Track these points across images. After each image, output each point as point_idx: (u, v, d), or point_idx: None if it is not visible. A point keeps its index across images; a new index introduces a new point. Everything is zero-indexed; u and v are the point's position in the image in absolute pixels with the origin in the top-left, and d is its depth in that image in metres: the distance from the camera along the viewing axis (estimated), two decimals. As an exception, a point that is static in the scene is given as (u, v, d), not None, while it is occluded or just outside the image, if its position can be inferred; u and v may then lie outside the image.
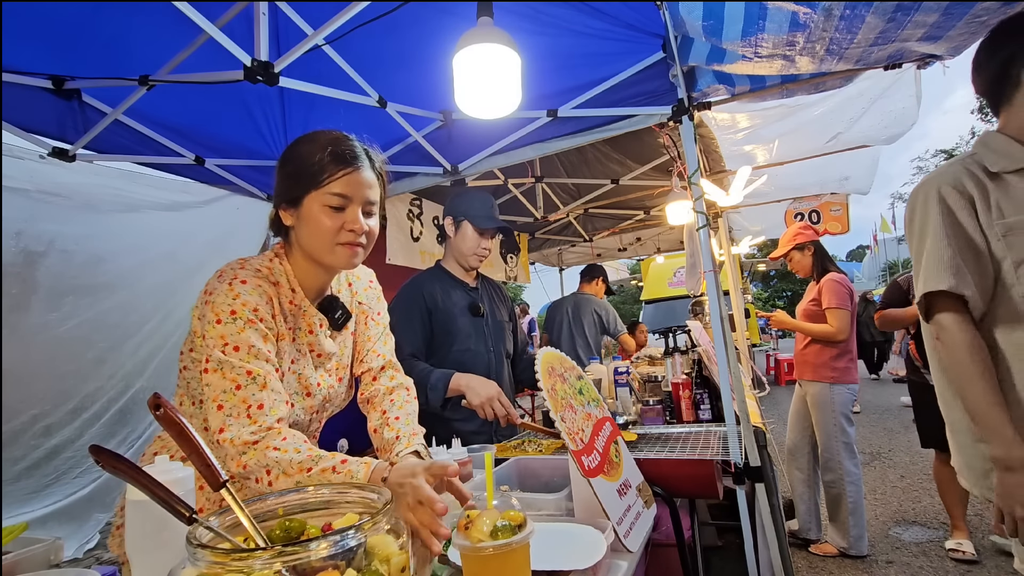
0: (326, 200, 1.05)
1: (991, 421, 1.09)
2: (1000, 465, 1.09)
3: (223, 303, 0.99)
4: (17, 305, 2.09)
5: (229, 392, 0.95)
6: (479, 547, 0.70)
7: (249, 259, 1.11)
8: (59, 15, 1.57)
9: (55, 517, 2.44)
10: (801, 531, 3.18)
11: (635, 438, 1.79)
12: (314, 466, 0.91)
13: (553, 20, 1.81)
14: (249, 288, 1.02)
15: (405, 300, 1.97)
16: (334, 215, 1.05)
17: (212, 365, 0.97)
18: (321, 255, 1.09)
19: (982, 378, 1.11)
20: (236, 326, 0.98)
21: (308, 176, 1.05)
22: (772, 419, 6.48)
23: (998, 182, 1.14)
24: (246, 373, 0.96)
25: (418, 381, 1.78)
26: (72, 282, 2.26)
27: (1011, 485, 1.07)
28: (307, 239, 1.08)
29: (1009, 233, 1.11)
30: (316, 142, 1.07)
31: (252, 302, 1.01)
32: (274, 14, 1.72)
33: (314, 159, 1.05)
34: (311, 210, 1.06)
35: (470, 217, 1.98)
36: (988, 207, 1.13)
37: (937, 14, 1.30)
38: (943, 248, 1.15)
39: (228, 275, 1.03)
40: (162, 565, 0.60)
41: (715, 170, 3.31)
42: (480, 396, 1.72)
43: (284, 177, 1.09)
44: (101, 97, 1.98)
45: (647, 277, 11.07)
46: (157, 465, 0.78)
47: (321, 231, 1.06)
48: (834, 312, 2.99)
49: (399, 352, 1.84)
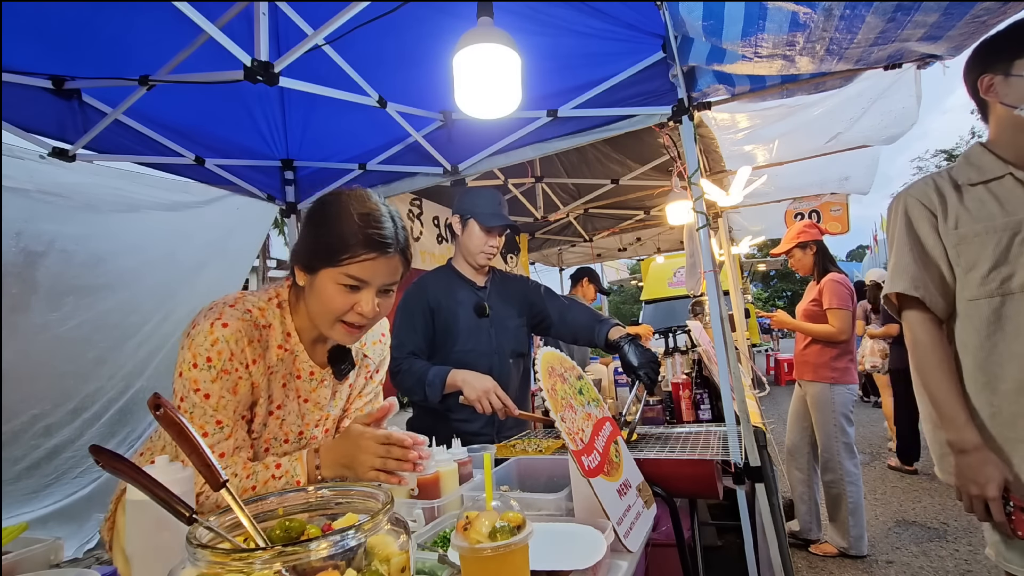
0: (341, 280, 0.98)
1: (945, 408, 1.20)
2: (954, 448, 1.19)
3: (201, 346, 0.98)
4: (17, 305, 2.09)
5: None
6: (478, 548, 0.70)
7: (244, 296, 1.07)
8: (59, 15, 1.57)
9: (55, 517, 2.44)
10: (801, 531, 3.18)
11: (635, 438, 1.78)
12: (257, 483, 0.98)
13: (553, 20, 1.81)
14: (229, 333, 0.99)
15: (409, 299, 1.96)
16: (346, 295, 0.99)
17: (186, 406, 1.00)
18: (320, 325, 1.05)
19: (938, 369, 1.22)
20: (210, 374, 0.98)
21: (329, 250, 0.98)
22: (772, 419, 6.48)
23: (961, 195, 1.24)
24: (215, 423, 1.00)
25: (416, 377, 1.80)
26: (72, 282, 2.26)
27: (963, 466, 1.17)
28: (312, 306, 1.04)
29: (960, 243, 1.21)
30: (346, 214, 0.99)
31: (227, 350, 0.99)
32: (274, 14, 1.72)
33: (339, 233, 0.98)
34: (323, 284, 1.00)
35: (476, 215, 1.96)
36: (947, 219, 1.24)
37: (937, 14, 1.30)
38: (903, 255, 1.28)
39: (213, 314, 1.00)
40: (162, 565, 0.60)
41: (715, 170, 3.31)
42: (476, 390, 1.71)
43: (306, 239, 1.04)
44: (101, 97, 1.98)
45: (647, 277, 11.08)
46: (157, 465, 0.78)
47: (328, 308, 1.01)
48: (835, 312, 2.99)
49: (400, 350, 1.86)
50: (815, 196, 4.21)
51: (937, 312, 1.25)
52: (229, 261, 2.91)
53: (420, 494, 1.14)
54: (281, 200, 2.79)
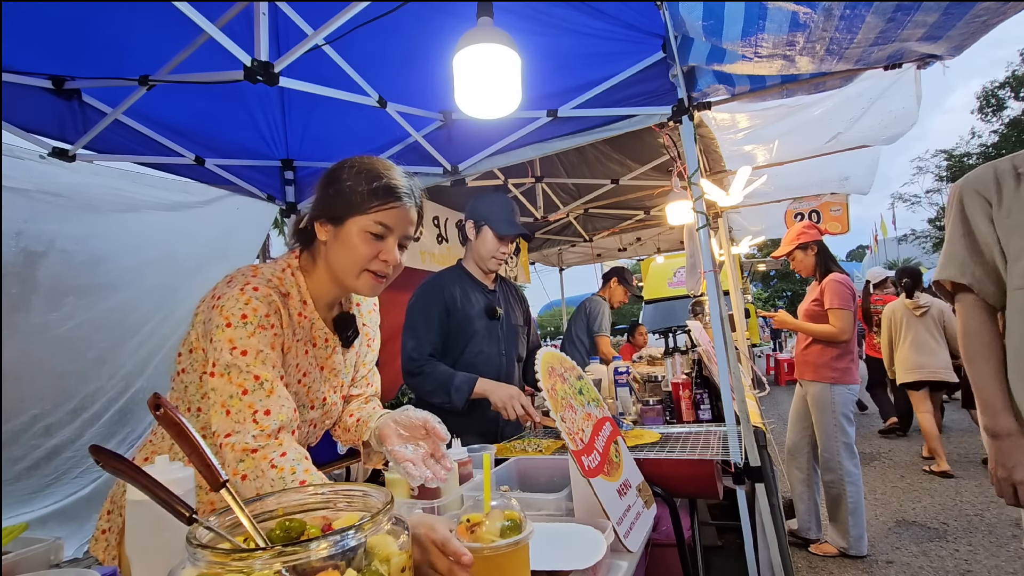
0: (369, 227, 1.05)
1: (985, 394, 1.22)
2: (989, 433, 1.21)
3: (234, 307, 0.98)
4: (17, 305, 2.09)
5: (235, 397, 0.94)
6: (478, 548, 0.70)
7: (260, 267, 1.10)
8: (59, 15, 1.57)
9: (55, 517, 2.44)
10: (801, 531, 3.18)
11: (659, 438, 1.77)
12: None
13: (553, 20, 1.81)
14: (260, 295, 1.01)
15: (425, 298, 1.98)
16: (372, 242, 1.06)
17: (219, 369, 0.96)
18: (346, 277, 1.09)
19: (981, 355, 1.24)
20: (247, 330, 0.97)
21: (357, 199, 1.05)
22: (772, 419, 6.48)
23: (1020, 183, 1.22)
24: (253, 378, 0.96)
25: (440, 382, 1.86)
26: (72, 282, 2.26)
27: (996, 451, 1.20)
28: (337, 258, 1.08)
29: (1010, 232, 1.20)
30: (371, 168, 1.08)
31: (263, 308, 1.00)
32: (274, 14, 1.72)
33: (367, 185, 1.05)
34: (351, 232, 1.06)
35: (490, 222, 2.00)
36: (1000, 207, 1.22)
37: (937, 14, 1.30)
38: (955, 242, 1.28)
39: (239, 280, 1.02)
40: (162, 565, 0.60)
41: (715, 170, 3.31)
42: (503, 398, 1.82)
43: (331, 194, 1.09)
44: (101, 97, 1.98)
45: (647, 277, 11.07)
46: (157, 465, 0.78)
47: (356, 255, 1.06)
48: (836, 313, 2.99)
49: (419, 350, 1.90)
50: (815, 196, 4.21)
51: (988, 299, 1.25)
52: (229, 261, 2.91)
53: (420, 494, 1.14)
54: (281, 200, 2.79)
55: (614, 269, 4.59)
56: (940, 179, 21.58)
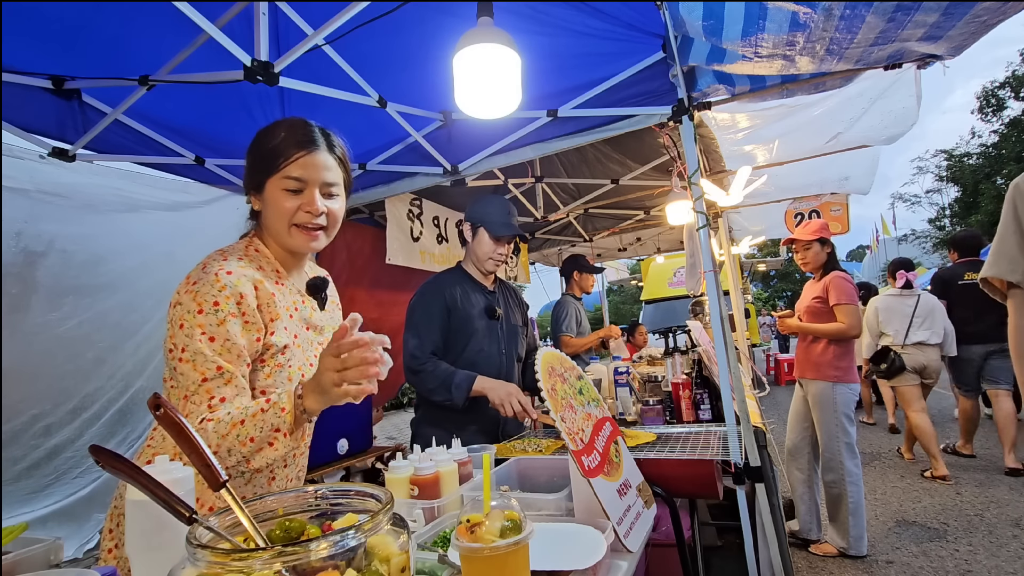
0: (284, 184, 1.09)
1: None
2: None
3: (207, 293, 1.01)
4: (17, 305, 2.09)
5: (196, 383, 0.99)
6: (478, 548, 0.70)
7: (227, 249, 1.14)
8: (59, 15, 1.57)
9: (55, 517, 2.44)
10: (801, 531, 3.18)
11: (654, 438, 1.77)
12: (245, 417, 0.95)
13: (553, 20, 1.81)
14: (235, 279, 1.04)
15: (427, 298, 2.01)
16: (292, 197, 1.10)
17: (187, 355, 0.99)
18: (280, 237, 1.13)
19: None
20: (217, 317, 1.00)
21: (268, 161, 1.10)
22: (772, 419, 6.48)
23: None
24: (215, 368, 0.99)
25: (441, 380, 1.89)
26: (72, 282, 2.26)
27: None
28: (269, 222, 1.13)
29: None
30: (275, 129, 1.13)
31: (236, 293, 1.03)
32: (274, 14, 1.72)
33: (272, 144, 1.10)
34: (272, 194, 1.11)
35: (486, 224, 2.03)
36: None
37: (937, 14, 1.30)
38: (1006, 240, 1.30)
39: (213, 266, 1.05)
40: (162, 565, 0.60)
41: (715, 170, 3.31)
42: (500, 395, 1.85)
43: (249, 164, 1.15)
44: (101, 97, 1.98)
45: (647, 277, 11.08)
46: (157, 465, 0.78)
47: (279, 213, 1.10)
48: (843, 308, 2.97)
49: (421, 349, 1.92)
50: (815, 196, 4.21)
51: None
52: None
53: (420, 494, 1.14)
54: (281, 200, 2.79)
55: (566, 263, 4.35)
56: (940, 179, 21.61)
